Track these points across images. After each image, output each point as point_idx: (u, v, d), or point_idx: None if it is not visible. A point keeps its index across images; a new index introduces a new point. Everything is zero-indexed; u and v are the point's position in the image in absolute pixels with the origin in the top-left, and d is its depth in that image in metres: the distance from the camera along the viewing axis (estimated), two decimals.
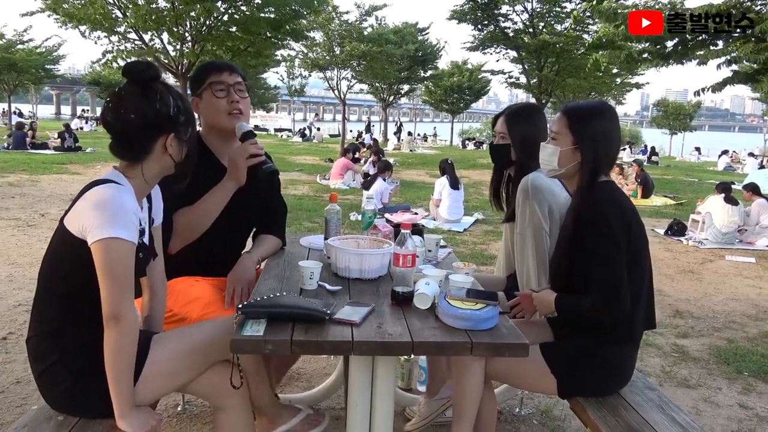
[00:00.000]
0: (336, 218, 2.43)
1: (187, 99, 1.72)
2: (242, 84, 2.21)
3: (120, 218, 1.48)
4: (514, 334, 1.61)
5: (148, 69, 1.61)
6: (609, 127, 1.88)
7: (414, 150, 26.19)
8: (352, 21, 20.37)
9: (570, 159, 1.89)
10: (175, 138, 1.63)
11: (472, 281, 1.91)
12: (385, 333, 1.56)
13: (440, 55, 28.59)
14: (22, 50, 25.16)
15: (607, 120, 1.88)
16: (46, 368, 1.58)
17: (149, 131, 1.60)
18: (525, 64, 16.67)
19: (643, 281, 1.86)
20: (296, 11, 11.70)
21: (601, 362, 1.85)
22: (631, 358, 1.91)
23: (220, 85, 2.16)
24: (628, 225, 1.78)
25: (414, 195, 10.83)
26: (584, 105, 1.99)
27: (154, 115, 1.58)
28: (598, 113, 1.90)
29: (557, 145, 1.91)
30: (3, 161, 12.57)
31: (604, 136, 1.86)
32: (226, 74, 2.17)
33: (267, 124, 45.17)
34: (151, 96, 1.59)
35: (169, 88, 1.63)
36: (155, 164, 1.64)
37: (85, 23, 10.45)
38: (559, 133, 1.91)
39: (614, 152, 1.91)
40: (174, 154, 1.64)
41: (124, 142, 1.62)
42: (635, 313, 1.84)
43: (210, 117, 2.22)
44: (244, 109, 2.22)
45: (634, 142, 35.26)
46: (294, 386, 2.97)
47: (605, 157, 1.87)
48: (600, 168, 1.86)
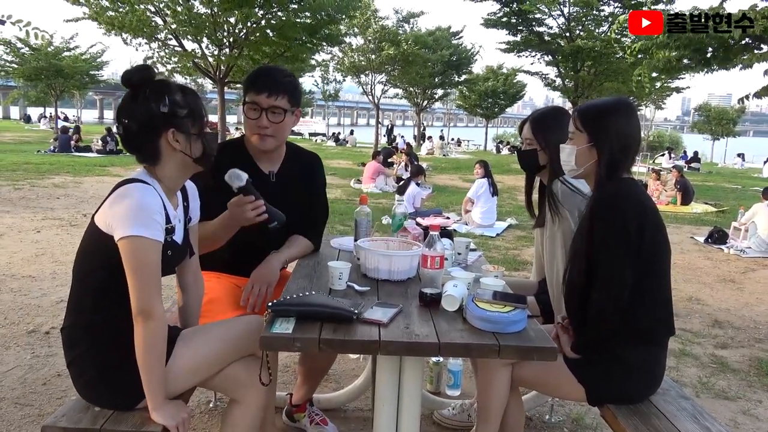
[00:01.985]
0: (366, 220, 2.44)
1: (193, 94, 1.70)
2: (279, 108, 2.16)
3: (143, 217, 1.52)
4: (543, 337, 1.59)
5: (137, 72, 1.63)
6: (624, 123, 1.84)
7: (447, 155, 26.10)
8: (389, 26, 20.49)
9: (587, 157, 1.86)
10: (179, 133, 1.63)
11: (502, 284, 1.90)
12: (412, 333, 1.57)
13: (475, 59, 28.48)
14: (68, 57, 26.06)
15: (622, 115, 1.84)
16: (74, 358, 1.65)
17: (147, 132, 1.62)
18: (561, 68, 16.45)
19: (656, 280, 1.81)
20: (332, 16, 11.82)
21: (626, 365, 1.81)
22: (657, 361, 1.86)
23: (254, 105, 2.16)
24: (643, 223, 1.74)
25: (446, 200, 10.80)
26: (598, 102, 1.95)
27: (146, 115, 1.60)
28: (612, 109, 1.87)
29: (574, 144, 1.89)
30: (49, 163, 13.04)
31: (620, 132, 1.83)
32: (264, 96, 2.14)
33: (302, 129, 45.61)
34: (140, 98, 1.61)
35: (164, 85, 1.64)
36: (171, 163, 1.66)
37: (126, 31, 10.77)
38: (574, 132, 1.89)
39: (633, 148, 1.87)
40: (184, 149, 1.65)
41: (131, 148, 1.66)
42: (651, 313, 1.80)
43: (245, 129, 2.27)
44: (277, 132, 2.20)
45: (674, 147, 34.35)
46: (323, 386, 2.99)
47: (623, 153, 1.83)
48: (619, 164, 1.82)
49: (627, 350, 1.82)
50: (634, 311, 1.78)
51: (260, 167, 2.31)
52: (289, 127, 2.27)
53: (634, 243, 1.73)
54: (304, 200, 2.39)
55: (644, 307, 1.79)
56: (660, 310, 1.83)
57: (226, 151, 2.30)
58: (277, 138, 2.24)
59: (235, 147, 2.33)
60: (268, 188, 2.23)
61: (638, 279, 1.76)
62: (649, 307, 1.80)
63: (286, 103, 2.19)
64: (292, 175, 2.37)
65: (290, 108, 2.22)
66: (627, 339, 1.81)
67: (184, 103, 1.64)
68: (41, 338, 3.39)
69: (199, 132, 1.67)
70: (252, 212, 1.93)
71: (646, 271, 1.77)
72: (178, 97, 1.63)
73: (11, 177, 10.53)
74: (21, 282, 4.44)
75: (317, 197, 2.46)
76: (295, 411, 2.54)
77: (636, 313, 1.78)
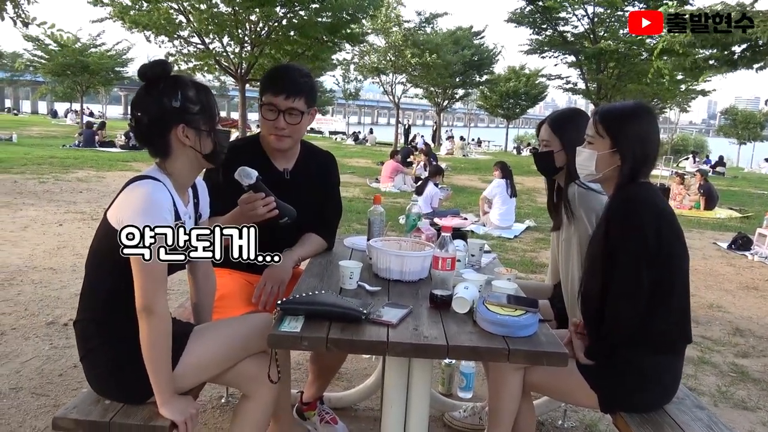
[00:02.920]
0: (379, 220, 2.43)
1: (206, 91, 1.71)
2: (296, 110, 2.17)
3: (152, 213, 1.53)
4: (554, 342, 1.57)
5: (153, 67, 1.64)
6: (646, 128, 1.81)
7: (467, 155, 25.98)
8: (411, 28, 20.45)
9: (608, 163, 1.83)
10: (189, 128, 1.64)
11: (514, 287, 1.87)
12: (420, 335, 1.56)
13: (496, 59, 28.30)
14: (94, 53, 26.51)
15: (644, 121, 1.82)
16: (87, 351, 1.67)
17: (158, 126, 1.64)
18: (584, 69, 16.26)
19: (673, 286, 1.77)
20: (352, 15, 11.84)
21: (640, 373, 1.77)
22: (671, 369, 1.82)
23: (271, 107, 2.17)
24: (660, 227, 1.70)
25: (465, 200, 10.75)
26: (619, 106, 1.92)
27: (158, 109, 1.62)
28: (634, 114, 1.84)
29: (594, 149, 1.86)
30: (73, 158, 13.28)
31: (642, 138, 1.80)
32: (282, 98, 2.15)
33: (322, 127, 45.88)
34: (153, 92, 1.63)
35: (177, 80, 1.65)
36: (181, 157, 1.68)
37: (150, 29, 10.91)
38: (594, 136, 1.86)
39: (653, 153, 1.84)
40: (194, 144, 1.66)
41: (142, 141, 1.68)
42: (668, 320, 1.76)
43: (261, 129, 2.28)
44: (293, 133, 2.22)
45: (699, 151, 33.77)
46: (335, 385, 2.99)
47: (644, 158, 1.80)
48: (640, 169, 1.80)
49: (642, 358, 1.78)
50: (651, 318, 1.75)
51: (275, 165, 2.32)
52: (305, 127, 2.28)
53: (652, 248, 1.70)
54: (318, 198, 2.39)
55: (661, 314, 1.75)
56: (677, 317, 1.79)
57: (242, 149, 2.32)
58: (293, 138, 2.25)
59: (250, 144, 2.35)
60: (282, 186, 2.24)
61: (655, 285, 1.72)
62: (665, 314, 1.76)
63: (303, 104, 2.20)
64: (306, 173, 2.37)
65: (307, 109, 2.23)
66: (642, 346, 1.77)
67: (197, 99, 1.65)
68: (59, 330, 3.44)
69: (210, 129, 1.68)
70: (263, 209, 1.93)
71: (663, 277, 1.73)
72: (191, 93, 1.64)
73: (37, 171, 10.74)
74: (42, 274, 4.52)
75: (331, 195, 2.46)
76: (306, 409, 2.54)
77: (652, 320, 1.75)
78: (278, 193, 2.03)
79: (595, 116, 1.88)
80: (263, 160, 2.30)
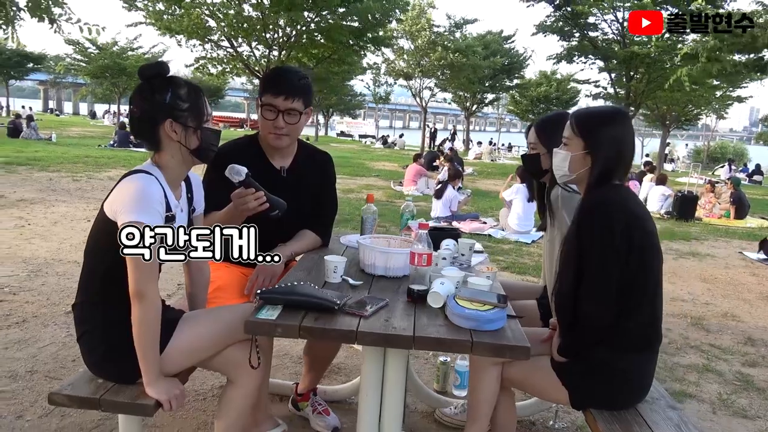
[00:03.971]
0: (372, 218, 2.52)
1: (198, 91, 1.82)
2: (294, 111, 2.27)
3: (144, 204, 1.64)
4: (519, 337, 1.62)
5: (151, 67, 1.78)
6: (620, 132, 1.85)
7: (495, 160, 25.86)
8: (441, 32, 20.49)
9: (581, 164, 1.88)
10: (177, 124, 1.76)
11: (489, 284, 1.93)
12: (390, 326, 1.63)
13: (527, 64, 28.09)
14: (132, 56, 27.36)
15: (618, 125, 1.86)
16: (83, 333, 1.79)
17: (148, 121, 1.76)
18: (613, 75, 16.03)
19: (645, 286, 1.80)
20: (378, 19, 11.96)
21: (610, 371, 1.81)
22: (642, 369, 1.85)
23: (270, 107, 2.27)
24: (631, 229, 1.74)
25: (486, 204, 10.74)
26: (594, 110, 1.97)
27: (149, 105, 1.75)
28: (609, 118, 1.88)
29: (568, 150, 1.90)
30: (107, 157, 13.72)
31: (615, 141, 1.84)
32: (281, 99, 2.25)
33: (352, 130, 46.24)
34: (145, 89, 1.76)
35: (171, 80, 1.77)
36: (171, 152, 1.79)
37: (181, 33, 11.24)
38: (569, 138, 1.91)
39: (628, 157, 1.88)
40: (181, 139, 1.77)
41: (136, 134, 1.83)
42: (639, 319, 1.80)
43: (260, 128, 2.39)
44: (292, 132, 2.32)
45: (735, 159, 32.85)
46: (333, 379, 3.09)
47: (617, 161, 1.84)
48: (612, 172, 1.84)
49: (612, 356, 1.82)
50: (622, 317, 1.78)
51: (272, 163, 2.42)
52: (302, 126, 2.39)
53: (621, 248, 1.73)
54: (314, 195, 2.49)
55: (631, 314, 1.79)
56: (648, 316, 1.82)
57: (241, 148, 2.44)
58: (291, 137, 2.36)
59: (249, 143, 2.46)
60: (279, 183, 2.35)
61: (626, 285, 1.76)
62: (636, 314, 1.79)
63: (301, 105, 2.30)
64: (302, 171, 2.47)
65: (304, 109, 2.33)
66: (612, 345, 1.81)
67: (186, 97, 1.77)
68: None
69: (197, 126, 1.79)
70: (254, 202, 2.02)
71: (634, 278, 1.77)
72: (182, 92, 1.77)
73: (72, 169, 11.15)
74: (66, 266, 4.74)
75: (327, 193, 2.55)
76: (300, 399, 2.63)
77: (623, 320, 1.78)
78: (275, 190, 2.12)
79: (572, 118, 1.92)
80: (261, 158, 2.41)
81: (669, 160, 30.30)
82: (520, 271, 5.85)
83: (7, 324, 3.45)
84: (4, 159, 11.75)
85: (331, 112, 40.49)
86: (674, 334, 4.23)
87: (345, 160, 19.33)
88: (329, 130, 45.57)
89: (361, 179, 13.76)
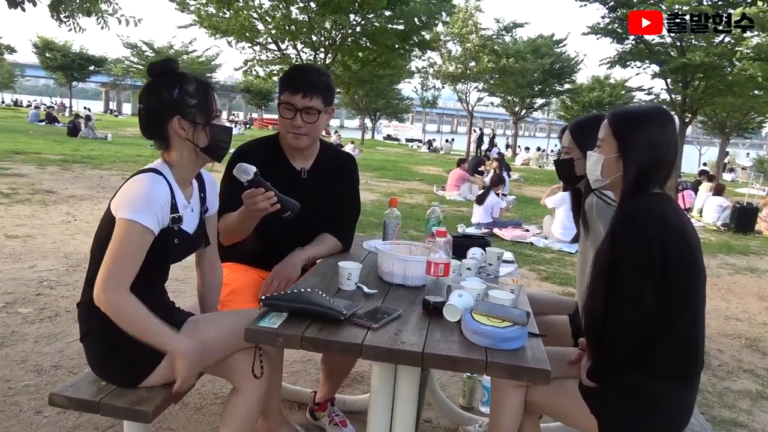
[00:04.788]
0: (394, 223, 2.41)
1: (207, 88, 1.76)
2: (313, 109, 2.19)
3: (144, 205, 1.59)
4: (539, 359, 1.48)
5: (161, 64, 1.73)
6: (657, 134, 1.67)
7: (543, 166, 25.30)
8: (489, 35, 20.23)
9: (614, 168, 1.71)
10: (185, 120, 1.70)
11: (512, 298, 1.79)
12: (398, 340, 1.52)
13: (578, 68, 27.39)
14: (186, 59, 28.19)
15: (656, 125, 1.68)
16: (87, 332, 1.75)
17: (156, 117, 1.71)
18: (668, 80, 15.37)
19: (684, 306, 1.62)
20: (424, 22, 11.86)
21: (645, 400, 1.63)
22: (679, 398, 1.66)
23: (289, 105, 2.20)
24: (670, 242, 1.56)
25: (530, 212, 10.45)
26: (632, 108, 1.80)
27: (156, 101, 1.70)
28: (644, 118, 1.70)
29: (601, 152, 1.74)
30: (158, 156, 14.08)
31: (651, 143, 1.66)
32: (299, 96, 2.17)
33: (399, 134, 46.26)
34: (155, 86, 1.71)
35: (180, 76, 1.72)
36: (180, 149, 1.73)
37: (230, 34, 11.44)
38: (603, 140, 1.74)
39: (666, 162, 1.69)
40: (189, 136, 1.71)
41: (145, 132, 1.76)
42: (677, 343, 1.61)
43: (279, 128, 2.31)
44: (310, 131, 2.23)
45: None
46: (355, 388, 2.99)
47: (653, 166, 1.67)
48: (648, 178, 1.66)
49: (647, 383, 1.64)
50: (657, 340, 1.61)
51: (293, 164, 2.34)
52: (322, 125, 2.30)
53: (657, 263, 1.56)
54: (336, 198, 2.39)
55: (668, 336, 1.61)
56: (687, 340, 1.64)
57: (261, 148, 2.38)
58: (310, 136, 2.27)
59: (269, 144, 2.39)
60: (300, 185, 2.27)
61: (662, 304, 1.59)
62: (673, 337, 1.62)
63: (320, 103, 2.22)
64: (324, 173, 2.38)
65: (324, 108, 2.24)
66: (645, 370, 1.64)
67: (195, 94, 1.71)
68: None
69: (206, 123, 1.73)
70: (264, 203, 1.92)
71: (672, 295, 1.59)
72: (190, 88, 1.71)
73: (123, 168, 11.50)
74: None
75: (349, 196, 2.46)
76: (317, 409, 2.54)
77: (658, 343, 1.61)
78: (295, 192, 2.04)
79: (608, 117, 1.77)
80: (281, 159, 2.33)
81: (728, 170, 28.91)
82: (561, 281, 5.62)
83: (40, 318, 3.51)
84: (62, 157, 12.24)
85: (378, 115, 40.60)
86: (726, 356, 3.93)
87: (390, 163, 19.29)
88: (376, 134, 45.71)
89: (404, 183, 13.66)
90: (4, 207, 6.70)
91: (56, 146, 14.66)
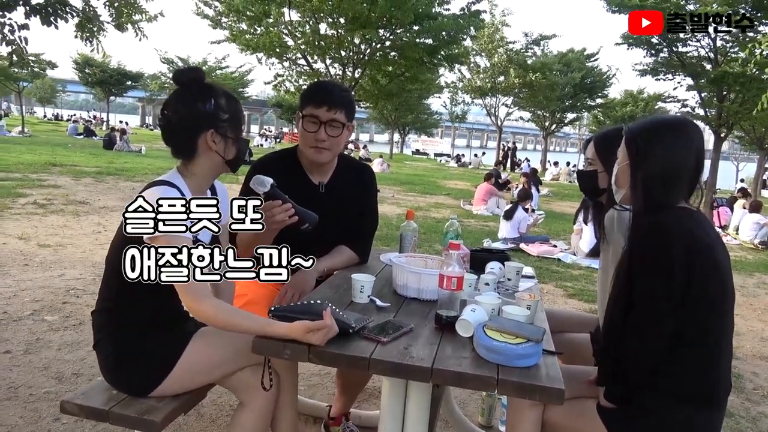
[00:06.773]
0: (411, 236, 2.38)
1: (236, 101, 1.77)
2: (337, 122, 2.19)
3: None
4: (553, 377, 1.42)
5: (189, 72, 1.73)
6: (670, 145, 1.60)
7: (573, 182, 24.91)
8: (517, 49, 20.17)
9: (627, 178, 1.65)
10: (217, 134, 1.70)
11: (527, 314, 1.73)
12: (407, 355, 1.48)
13: (610, 83, 27.02)
14: (220, 75, 28.79)
15: (670, 136, 1.61)
16: (99, 340, 1.77)
17: (189, 128, 1.71)
18: (702, 93, 15.01)
19: (707, 328, 1.54)
20: (452, 37, 11.87)
21: (661, 425, 1.55)
22: (705, 424, 1.58)
23: (313, 118, 2.19)
24: (694, 259, 1.48)
25: (559, 227, 10.28)
26: (648, 119, 1.73)
27: (191, 113, 1.70)
28: (659, 127, 1.64)
29: (618, 163, 1.69)
30: None
31: (661, 155, 1.59)
32: (324, 110, 2.17)
33: (428, 149, 46.24)
34: (187, 96, 1.71)
35: (211, 88, 1.72)
36: (205, 161, 1.74)
37: (261, 51, 11.64)
38: (621, 149, 1.69)
39: (682, 172, 1.61)
40: (220, 150, 1.72)
41: (170, 140, 1.75)
42: (701, 367, 1.53)
43: (300, 141, 2.30)
44: (333, 146, 2.22)
45: None
46: (371, 403, 2.94)
47: (666, 177, 1.59)
48: (664, 191, 1.59)
49: (669, 409, 1.57)
50: (677, 361, 1.54)
51: (311, 178, 2.33)
52: (344, 141, 2.29)
53: (679, 282, 1.49)
54: (353, 211, 2.38)
55: (690, 359, 1.54)
56: (711, 363, 1.56)
57: (278, 161, 2.37)
58: (332, 151, 2.26)
59: (286, 157, 2.38)
60: (317, 199, 2.25)
61: (684, 326, 1.51)
62: (694, 358, 1.54)
63: (343, 117, 2.21)
64: (341, 187, 2.36)
65: (346, 122, 2.24)
66: (670, 395, 1.56)
67: (227, 107, 1.73)
68: None
69: (236, 137, 1.75)
70: (281, 215, 1.90)
71: (692, 316, 1.52)
72: (222, 101, 1.72)
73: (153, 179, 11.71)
74: None
75: (367, 209, 2.44)
76: (332, 424, 2.51)
77: (677, 364, 1.54)
78: (312, 206, 2.02)
79: (625, 128, 1.71)
80: (299, 173, 2.32)
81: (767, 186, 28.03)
82: (589, 299, 5.48)
83: (65, 326, 3.57)
84: (96, 169, 12.56)
85: (407, 129, 40.68)
86: (761, 379, 3.76)
87: (418, 177, 19.26)
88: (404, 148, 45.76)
89: (432, 197, 13.60)
90: (39, 217, 6.89)
91: (92, 159, 15.06)
